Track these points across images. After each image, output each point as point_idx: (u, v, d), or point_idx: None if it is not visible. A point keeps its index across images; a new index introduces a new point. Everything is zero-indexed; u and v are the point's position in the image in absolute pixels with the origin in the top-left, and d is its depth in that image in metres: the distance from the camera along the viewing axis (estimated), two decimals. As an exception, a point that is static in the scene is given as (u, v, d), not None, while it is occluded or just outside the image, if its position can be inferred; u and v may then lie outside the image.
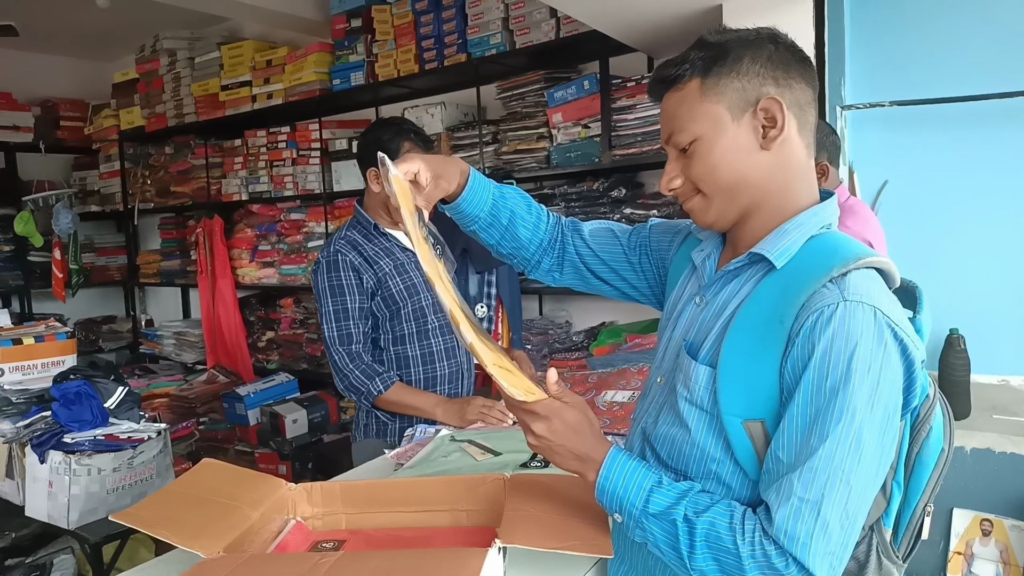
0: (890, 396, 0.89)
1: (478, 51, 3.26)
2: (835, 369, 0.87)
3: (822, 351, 0.88)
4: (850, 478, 0.87)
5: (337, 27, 3.81)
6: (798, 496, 0.86)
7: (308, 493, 1.32)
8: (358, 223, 2.24)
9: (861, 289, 0.89)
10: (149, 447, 2.12)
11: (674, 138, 1.03)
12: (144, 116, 4.84)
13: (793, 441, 0.89)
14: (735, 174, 1.00)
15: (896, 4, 2.53)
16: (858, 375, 0.86)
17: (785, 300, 0.93)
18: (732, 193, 1.01)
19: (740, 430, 0.95)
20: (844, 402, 0.86)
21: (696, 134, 1.00)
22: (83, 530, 1.99)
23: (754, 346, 0.94)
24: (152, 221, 5.24)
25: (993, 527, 2.29)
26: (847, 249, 0.95)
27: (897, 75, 2.52)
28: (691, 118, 1.00)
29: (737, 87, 0.98)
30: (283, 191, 4.16)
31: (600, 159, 2.96)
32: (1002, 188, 2.43)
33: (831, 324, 0.88)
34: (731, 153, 0.99)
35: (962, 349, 2.40)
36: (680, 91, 1.02)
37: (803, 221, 0.99)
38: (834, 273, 0.90)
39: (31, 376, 2.34)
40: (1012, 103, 2.34)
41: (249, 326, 4.54)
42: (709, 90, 0.99)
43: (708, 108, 0.99)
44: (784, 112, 0.98)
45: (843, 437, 0.86)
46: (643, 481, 0.96)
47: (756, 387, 0.93)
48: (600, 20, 2.56)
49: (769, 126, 0.98)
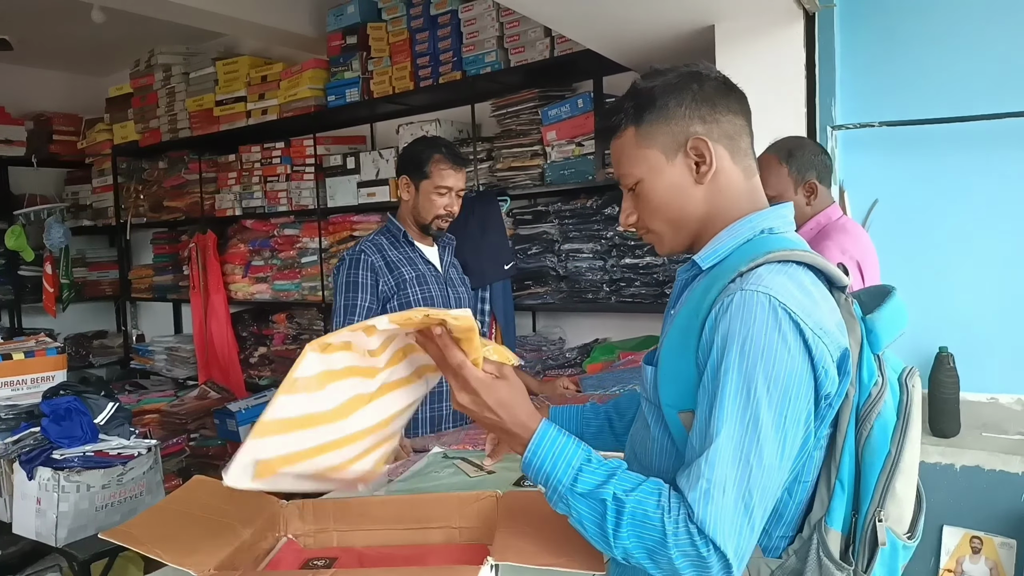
0: (790, 379, 0.92)
1: (473, 69, 3.28)
2: (729, 354, 0.92)
3: (720, 338, 0.94)
4: (750, 458, 0.90)
5: (332, 44, 3.83)
6: (705, 478, 0.90)
7: (300, 510, 1.32)
8: (388, 230, 2.35)
9: (764, 280, 0.94)
10: (139, 463, 2.11)
11: (622, 180, 1.12)
12: (138, 131, 4.84)
13: (700, 426, 0.94)
14: (677, 210, 1.08)
15: (886, 25, 2.56)
16: (751, 359, 0.91)
17: (704, 297, 0.99)
18: (677, 226, 1.09)
19: (676, 420, 1.01)
20: (739, 385, 0.91)
21: (637, 177, 1.08)
22: (72, 547, 1.97)
23: (681, 342, 1.01)
24: (145, 236, 5.23)
25: (983, 544, 2.29)
26: (768, 246, 1.01)
27: (887, 95, 2.55)
28: (631, 163, 1.09)
29: (666, 131, 1.06)
30: (277, 207, 4.16)
31: (594, 177, 2.98)
32: (992, 207, 2.45)
33: (728, 312, 0.94)
34: (670, 192, 1.07)
35: (952, 367, 2.41)
36: (620, 138, 1.10)
37: (737, 228, 1.06)
38: (742, 268, 0.97)
39: (20, 392, 2.33)
40: (1002, 124, 2.37)
41: (241, 342, 4.52)
42: (643, 137, 1.07)
43: (644, 153, 1.07)
44: (711, 148, 1.05)
45: (740, 419, 0.91)
46: (572, 459, 0.98)
47: (683, 379, 1.00)
48: (594, 40, 2.59)
49: (700, 162, 1.05)
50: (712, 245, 1.06)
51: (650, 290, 2.93)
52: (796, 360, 0.93)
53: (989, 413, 2.48)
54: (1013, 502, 2.24)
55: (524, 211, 3.28)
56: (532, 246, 3.22)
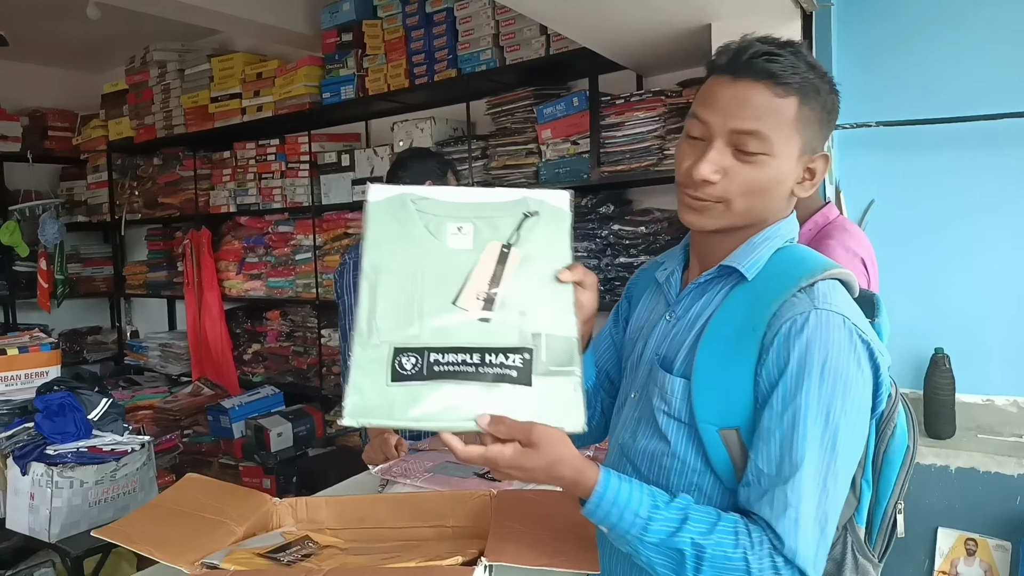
0: (861, 399, 0.93)
1: (468, 67, 3.28)
2: (809, 377, 0.90)
3: (797, 358, 0.91)
4: (827, 481, 0.90)
5: (328, 41, 3.81)
6: (794, 507, 0.88)
7: (293, 508, 1.32)
8: None
9: (830, 298, 0.93)
10: (133, 460, 2.11)
11: (747, 137, 0.95)
12: (133, 127, 4.82)
13: (774, 450, 0.91)
14: (767, 205, 1.00)
15: (883, 25, 2.56)
16: (830, 382, 0.90)
17: (756, 309, 0.95)
18: (749, 216, 1.00)
19: (716, 439, 0.96)
20: (819, 409, 0.89)
21: (772, 150, 0.95)
22: (64, 543, 1.97)
23: (727, 355, 0.96)
24: (139, 232, 5.21)
25: (977, 546, 2.30)
26: (813, 261, 0.99)
27: (884, 96, 2.55)
28: (777, 130, 0.95)
29: (815, 132, 0.98)
30: (271, 204, 4.15)
31: (589, 176, 2.97)
32: (988, 209, 2.46)
33: (804, 332, 0.91)
34: (780, 185, 0.99)
35: (947, 368, 2.42)
36: (779, 98, 0.95)
37: (770, 235, 1.02)
38: (803, 283, 0.94)
39: (14, 387, 2.32)
40: (998, 125, 2.37)
41: (235, 339, 4.51)
42: (802, 119, 0.96)
43: (792, 133, 0.96)
44: (826, 170, 1.01)
45: (820, 444, 0.89)
46: (638, 508, 0.92)
47: (730, 395, 0.95)
48: (590, 38, 2.59)
49: (807, 178, 1.01)
50: (750, 252, 1.01)
51: (645, 289, 2.93)
52: (866, 379, 0.94)
53: (984, 415, 2.49)
54: (1008, 504, 2.24)
55: (520, 210, 3.27)
56: (528, 245, 3.21)
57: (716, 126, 0.96)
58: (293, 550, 1.13)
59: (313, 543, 1.19)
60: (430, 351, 0.91)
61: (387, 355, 0.91)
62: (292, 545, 1.16)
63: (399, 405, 0.89)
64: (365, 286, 0.95)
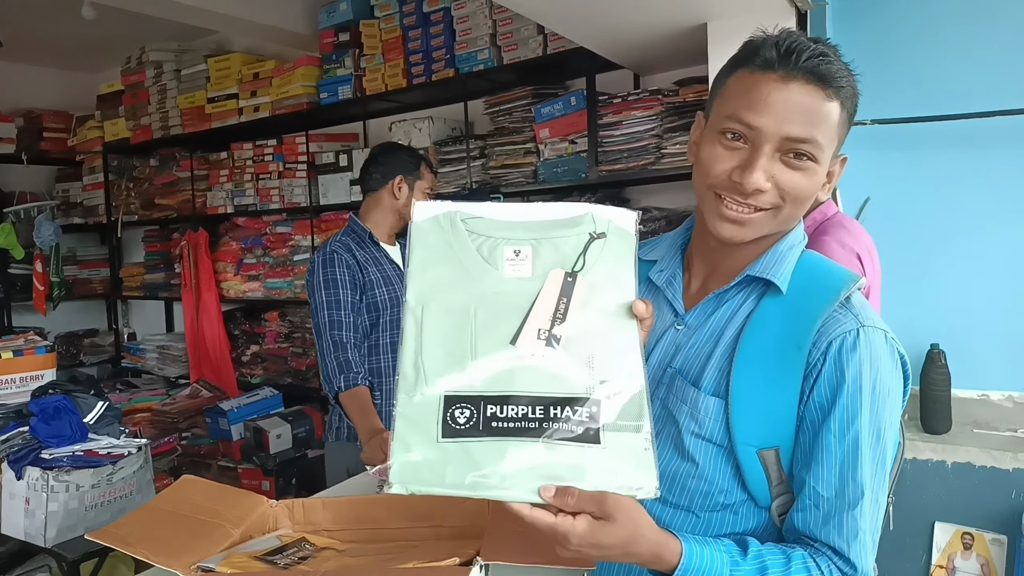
0: (898, 415, 0.96)
1: (466, 66, 3.28)
2: (861, 398, 0.90)
3: (852, 379, 0.90)
4: (878, 496, 0.93)
5: (325, 41, 3.81)
6: (864, 531, 0.90)
7: (290, 510, 1.31)
8: (352, 231, 2.36)
9: (869, 313, 0.94)
10: (129, 463, 2.10)
11: (802, 144, 0.91)
12: (129, 128, 4.81)
13: (834, 473, 0.91)
14: (803, 205, 0.97)
15: (878, 24, 2.56)
16: (879, 402, 0.91)
17: (797, 325, 0.94)
18: (789, 220, 0.98)
19: (754, 459, 0.93)
20: (871, 430, 0.91)
21: (822, 157, 0.93)
22: (61, 548, 1.96)
23: (769, 373, 0.93)
24: (136, 234, 5.20)
25: (974, 541, 2.30)
26: (838, 270, 1.00)
27: (879, 94, 2.55)
28: (828, 137, 0.93)
29: (843, 135, 0.97)
30: (269, 204, 4.15)
31: (587, 175, 2.97)
32: (983, 206, 2.46)
33: (856, 351, 0.91)
34: (815, 188, 0.96)
35: (943, 364, 2.42)
36: (830, 101, 0.92)
37: (792, 242, 1.01)
38: (841, 296, 0.94)
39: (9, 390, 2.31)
40: (993, 122, 2.37)
41: (233, 340, 4.50)
42: (841, 123, 0.95)
43: (835, 138, 0.95)
44: (841, 174, 1.02)
45: (873, 464, 0.91)
46: (721, 569, 0.87)
47: (773, 415, 0.93)
48: (587, 37, 2.58)
49: (827, 181, 1.00)
50: (780, 262, 0.99)
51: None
52: (900, 392, 0.97)
53: (980, 410, 2.49)
54: (1004, 498, 2.25)
55: (517, 209, 3.27)
56: (525, 244, 3.21)
57: (768, 131, 0.91)
58: (290, 552, 1.13)
59: (310, 545, 1.19)
60: (486, 401, 0.80)
61: (437, 405, 0.80)
62: (288, 547, 1.15)
63: (452, 468, 0.78)
64: (410, 321, 0.83)
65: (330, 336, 2.15)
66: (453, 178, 3.39)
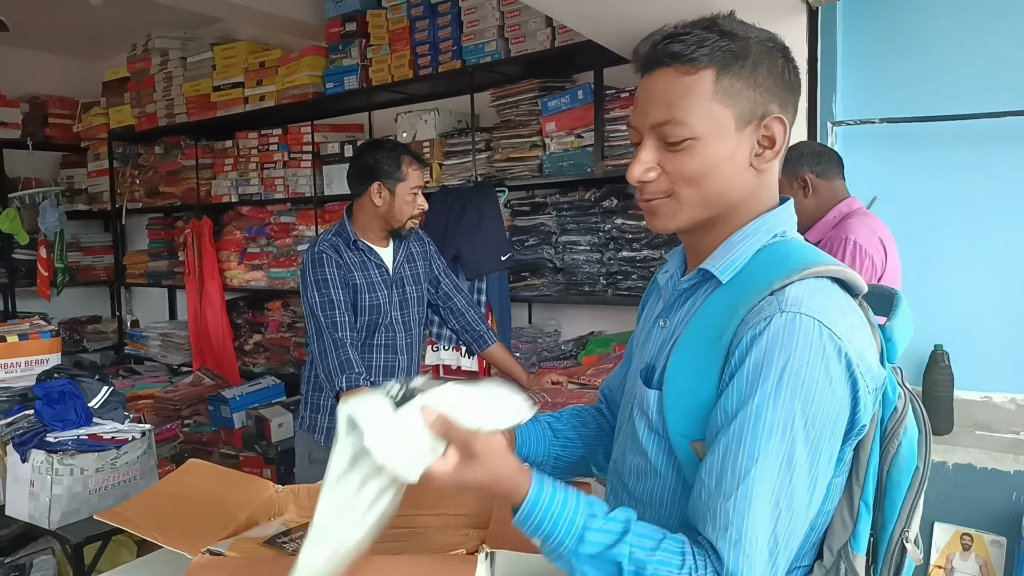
0: (829, 413, 0.83)
1: (473, 58, 3.27)
2: (764, 383, 0.82)
3: (753, 364, 0.83)
4: (780, 501, 0.82)
5: (331, 31, 3.80)
6: (735, 527, 0.81)
7: (295, 495, 1.32)
8: (341, 233, 2.36)
9: (805, 300, 0.84)
10: (133, 448, 2.11)
11: (665, 127, 0.91)
12: (134, 115, 4.81)
13: (719, 461, 0.84)
14: (721, 187, 0.92)
15: (890, 23, 2.56)
16: (789, 391, 0.81)
17: (726, 316, 0.88)
18: (709, 204, 0.93)
19: (688, 451, 0.90)
20: (775, 420, 0.81)
21: (697, 133, 0.90)
22: (65, 531, 1.97)
23: (696, 364, 0.90)
24: (140, 221, 5.21)
25: (973, 542, 2.30)
26: (796, 258, 0.89)
27: (888, 93, 2.55)
28: (696, 113, 0.89)
29: (750, 96, 0.90)
30: (273, 194, 4.15)
31: (592, 169, 2.97)
32: (990, 206, 2.46)
33: (764, 336, 0.83)
34: (725, 165, 0.91)
35: (946, 365, 2.43)
36: (688, 76, 0.90)
37: (752, 231, 0.94)
38: (775, 286, 0.85)
39: (14, 374, 2.32)
40: (1002, 123, 2.37)
41: (236, 329, 4.51)
42: (724, 90, 0.89)
43: (717, 109, 0.90)
44: (786, 135, 0.93)
45: (774, 458, 0.81)
46: (574, 516, 0.85)
47: (699, 406, 0.88)
48: (595, 31, 2.58)
49: (767, 146, 0.92)
50: (727, 253, 0.94)
51: (647, 283, 2.92)
52: (838, 392, 0.84)
53: (982, 412, 2.49)
54: (1004, 500, 2.25)
55: (522, 202, 3.27)
56: (529, 238, 3.21)
57: (639, 126, 0.94)
58: (296, 536, 1.14)
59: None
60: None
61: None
62: (294, 531, 1.16)
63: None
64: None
65: (330, 336, 2.16)
66: (458, 171, 3.39)
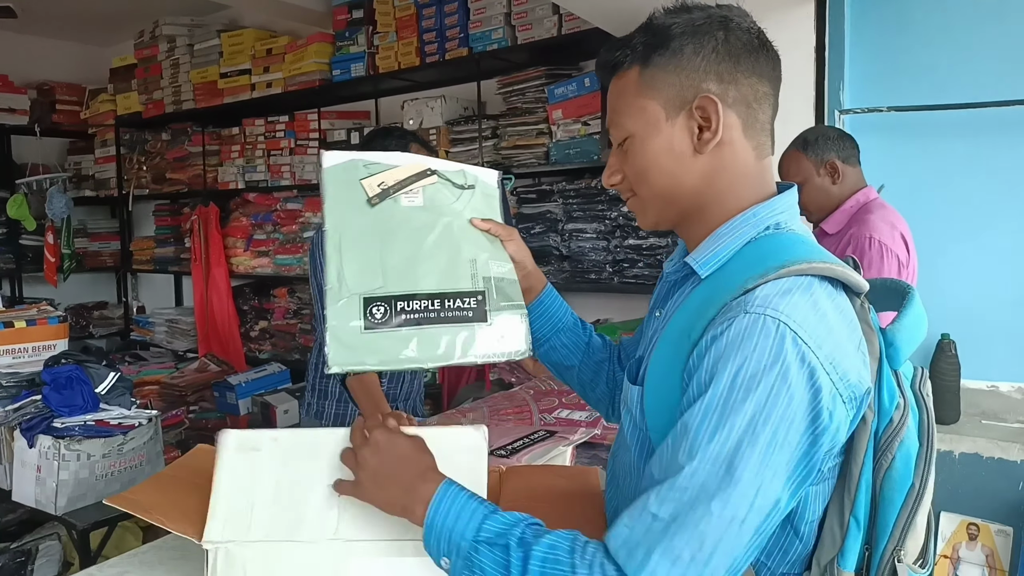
0: (783, 421, 0.77)
1: (480, 46, 3.26)
2: (716, 385, 0.78)
3: (709, 365, 0.79)
4: (713, 504, 0.75)
5: (338, 18, 3.79)
6: (650, 512, 0.77)
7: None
8: None
9: (773, 300, 0.78)
10: (140, 434, 2.11)
11: (612, 132, 0.95)
12: (141, 102, 4.81)
13: (663, 456, 0.80)
14: (667, 179, 0.91)
15: (898, 11, 2.54)
16: (740, 393, 0.76)
17: (698, 313, 0.84)
18: (666, 198, 0.92)
19: None
20: (720, 421, 0.77)
21: (629, 131, 0.92)
22: (71, 516, 1.97)
23: (668, 362, 0.87)
24: (147, 208, 5.21)
25: (979, 531, 2.30)
26: (777, 256, 0.84)
27: (896, 81, 2.53)
28: (626, 112, 0.92)
29: (674, 82, 0.88)
30: (280, 180, 4.15)
31: (599, 157, 2.96)
32: (996, 195, 2.45)
33: (724, 336, 0.79)
34: (663, 156, 0.90)
35: (953, 354, 2.42)
36: (620, 79, 0.93)
37: (740, 223, 0.90)
38: (748, 285, 0.80)
39: (22, 360, 2.32)
40: (1008, 112, 2.35)
41: (242, 315, 4.52)
42: (646, 83, 0.90)
43: (643, 104, 0.90)
44: (719, 112, 0.87)
45: (714, 459, 0.76)
46: (476, 511, 0.85)
47: (672, 405, 0.85)
48: (602, 18, 2.57)
49: (704, 127, 0.88)
50: (710, 246, 0.90)
51: (653, 271, 2.92)
52: (796, 399, 0.77)
53: (989, 401, 2.49)
54: (1011, 490, 2.25)
55: (528, 190, 3.26)
56: (535, 225, 3.21)
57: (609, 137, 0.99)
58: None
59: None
60: (396, 300, 0.99)
61: (358, 306, 0.98)
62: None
63: (377, 351, 0.97)
64: (330, 245, 1.02)
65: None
66: (465, 158, 3.37)
